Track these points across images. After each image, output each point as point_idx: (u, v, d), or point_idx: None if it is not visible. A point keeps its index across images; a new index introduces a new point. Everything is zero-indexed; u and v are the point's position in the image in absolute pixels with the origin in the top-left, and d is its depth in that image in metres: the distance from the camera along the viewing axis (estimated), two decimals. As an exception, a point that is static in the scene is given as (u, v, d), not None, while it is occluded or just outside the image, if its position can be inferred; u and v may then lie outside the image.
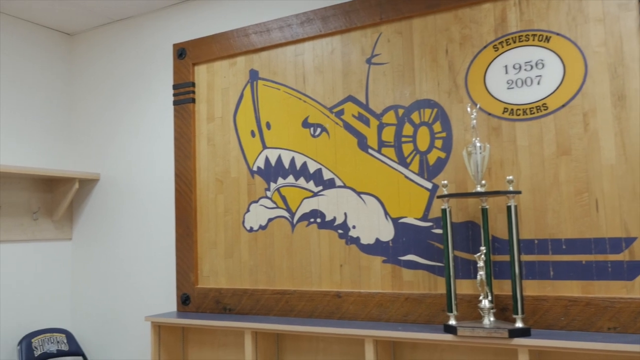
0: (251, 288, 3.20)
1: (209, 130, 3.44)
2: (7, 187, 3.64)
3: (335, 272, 2.98)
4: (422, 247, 2.76)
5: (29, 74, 3.87)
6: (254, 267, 3.22)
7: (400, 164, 2.85)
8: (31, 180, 3.80)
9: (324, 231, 3.03)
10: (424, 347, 2.73)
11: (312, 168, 3.08)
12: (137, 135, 3.80)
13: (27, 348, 3.54)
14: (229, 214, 3.33)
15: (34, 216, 3.80)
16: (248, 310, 3.19)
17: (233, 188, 3.33)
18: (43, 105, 3.95)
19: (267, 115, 3.25)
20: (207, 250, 3.39)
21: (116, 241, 3.82)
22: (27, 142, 3.82)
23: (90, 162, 4.00)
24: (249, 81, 3.33)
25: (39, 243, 3.84)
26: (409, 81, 2.85)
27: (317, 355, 3.01)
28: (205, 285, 3.37)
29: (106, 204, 3.89)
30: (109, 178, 3.90)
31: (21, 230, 3.72)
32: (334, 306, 2.94)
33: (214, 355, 3.31)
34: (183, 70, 3.54)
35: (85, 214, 3.98)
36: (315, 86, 3.11)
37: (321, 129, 3.07)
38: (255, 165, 3.27)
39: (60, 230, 3.96)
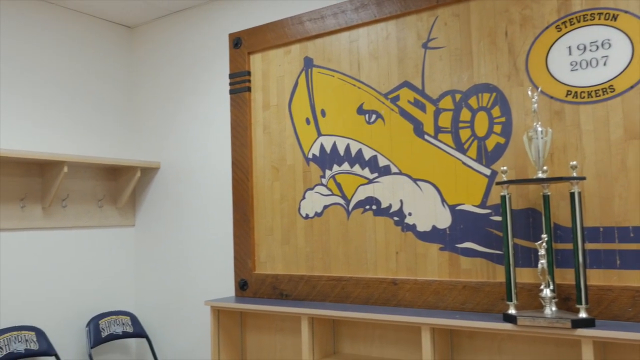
0: (307, 274, 3.23)
1: (264, 118, 3.48)
2: (75, 176, 3.80)
3: (391, 259, 2.97)
4: (480, 235, 2.71)
5: (93, 66, 4.02)
6: (309, 253, 3.25)
7: (457, 150, 2.80)
8: (96, 170, 3.95)
9: (379, 218, 3.02)
10: (482, 336, 2.69)
11: (368, 155, 3.07)
12: (195, 124, 3.88)
13: (94, 329, 3.71)
14: (285, 201, 3.36)
15: (99, 204, 3.96)
16: (304, 296, 3.22)
17: (289, 175, 3.36)
18: (107, 97, 4.09)
19: (322, 103, 3.25)
20: (263, 237, 3.44)
21: (176, 227, 3.93)
22: (92, 133, 3.97)
23: (151, 151, 4.12)
24: (304, 69, 3.33)
25: (105, 229, 4.00)
26: (466, 65, 2.79)
27: (373, 342, 3.01)
28: (262, 271, 3.43)
29: (166, 192, 4.01)
30: (169, 166, 4.01)
31: (88, 217, 3.88)
32: (390, 293, 2.93)
33: (271, 340, 3.37)
34: (239, 59, 3.58)
35: (147, 201, 4.12)
36: (370, 72, 3.09)
37: (376, 116, 3.05)
38: (311, 153, 3.28)
39: (124, 217, 4.12)
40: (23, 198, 3.52)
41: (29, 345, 3.36)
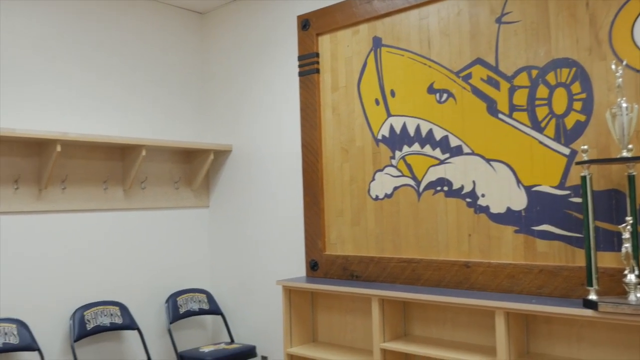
0: (377, 256, 3.22)
1: (333, 99, 3.47)
2: (152, 159, 3.96)
3: (463, 241, 2.91)
4: (558, 217, 2.60)
5: (168, 53, 4.14)
6: (379, 235, 3.24)
7: (533, 128, 2.69)
8: (172, 153, 4.10)
9: (451, 199, 2.96)
10: (559, 322, 2.59)
11: (439, 135, 3.01)
12: (265, 108, 3.93)
13: (173, 305, 3.88)
14: (354, 183, 3.36)
15: (175, 185, 4.11)
16: (374, 277, 3.22)
17: (358, 157, 3.34)
18: (181, 82, 4.21)
19: (391, 83, 3.21)
20: (333, 218, 3.46)
21: (248, 208, 4.02)
22: (168, 117, 4.11)
23: (223, 134, 4.22)
24: (372, 49, 3.29)
25: (181, 210, 4.15)
26: (543, 40, 2.66)
27: (445, 325, 2.98)
28: (333, 252, 3.45)
29: (238, 174, 4.10)
30: (240, 149, 4.09)
31: (165, 199, 4.04)
32: (462, 276, 2.88)
33: (341, 320, 3.40)
34: (307, 41, 3.58)
35: (220, 183, 4.23)
36: (441, 50, 3.01)
37: (447, 95, 2.98)
38: (380, 134, 3.25)
39: (199, 198, 4.25)
40: (105, 180, 3.70)
41: (114, 320, 3.56)
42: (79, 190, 3.57)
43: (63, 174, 3.50)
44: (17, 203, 3.29)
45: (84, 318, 3.44)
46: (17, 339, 3.12)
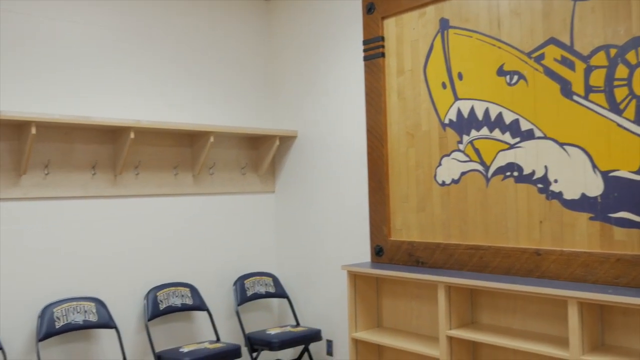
0: (444, 242, 3.17)
1: (399, 84, 3.43)
2: (220, 145, 4.05)
3: (534, 228, 2.82)
4: (638, 204, 2.47)
5: (234, 40, 4.20)
6: (446, 221, 3.19)
7: (611, 110, 2.55)
8: (239, 139, 4.17)
9: (521, 185, 2.87)
10: (638, 313, 2.47)
11: (508, 119, 2.91)
12: (329, 93, 3.93)
13: (240, 288, 3.98)
14: (420, 168, 3.31)
15: (242, 171, 4.19)
16: (441, 264, 3.18)
17: (424, 141, 3.29)
18: (247, 69, 4.28)
19: (459, 65, 3.13)
20: (399, 204, 3.43)
21: (313, 194, 4.05)
22: (235, 104, 4.19)
23: (288, 120, 4.26)
24: (439, 31, 3.22)
25: (247, 195, 4.23)
26: (623, 16, 2.51)
27: (515, 314, 2.90)
28: (398, 238, 3.43)
29: (303, 159, 4.14)
30: (306, 134, 4.12)
31: (232, 184, 4.13)
32: (533, 264, 2.79)
33: (407, 306, 3.39)
34: (372, 25, 3.55)
35: (286, 168, 4.28)
36: (512, 30, 2.90)
37: (518, 77, 2.87)
38: (447, 118, 3.18)
39: (265, 183, 4.32)
40: (176, 166, 3.82)
41: (185, 300, 3.69)
42: (151, 175, 3.70)
43: (136, 160, 3.64)
44: (94, 188, 3.45)
45: (157, 298, 3.59)
46: (96, 317, 3.30)
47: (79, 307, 3.27)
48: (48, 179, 3.28)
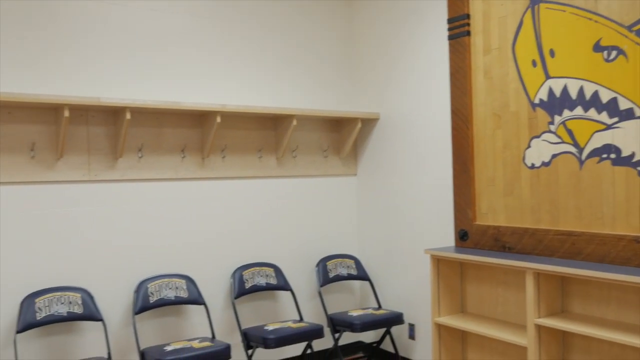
0: (532, 227, 3.05)
1: (485, 63, 3.31)
2: (302, 128, 4.09)
3: (634, 214, 2.64)
4: None
5: (317, 22, 4.21)
6: (535, 205, 3.06)
7: None
8: (321, 122, 4.20)
9: (619, 168, 2.69)
10: None
11: (605, 97, 2.73)
12: (412, 74, 3.86)
13: (323, 270, 4.03)
14: (507, 150, 3.19)
15: (324, 154, 4.22)
16: (529, 250, 3.06)
17: (512, 123, 3.16)
18: (329, 51, 4.28)
19: (551, 42, 2.97)
20: (485, 187, 3.33)
21: (396, 177, 4.02)
22: (317, 86, 4.21)
23: (371, 102, 4.23)
24: (530, 6, 3.06)
25: (329, 178, 4.26)
26: None
27: (609, 304, 2.75)
28: (484, 223, 3.33)
29: (386, 142, 4.10)
30: (388, 117, 4.07)
31: (314, 167, 4.17)
32: (631, 252, 2.63)
33: (492, 292, 3.30)
34: (457, 2, 3.43)
35: (368, 151, 4.26)
36: (610, 3, 2.71)
37: (617, 52, 2.68)
38: (537, 98, 3.04)
39: (347, 166, 4.33)
40: (260, 149, 3.90)
41: (269, 280, 3.79)
42: (237, 158, 3.81)
43: (223, 143, 3.75)
44: (184, 170, 3.60)
45: (242, 277, 3.71)
46: (187, 293, 3.45)
47: (171, 283, 3.44)
48: (142, 162, 3.45)
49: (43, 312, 3.03)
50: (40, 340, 3.13)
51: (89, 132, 3.29)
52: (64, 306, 3.09)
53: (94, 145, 3.30)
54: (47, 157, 3.17)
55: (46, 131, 3.17)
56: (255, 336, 3.38)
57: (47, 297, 3.07)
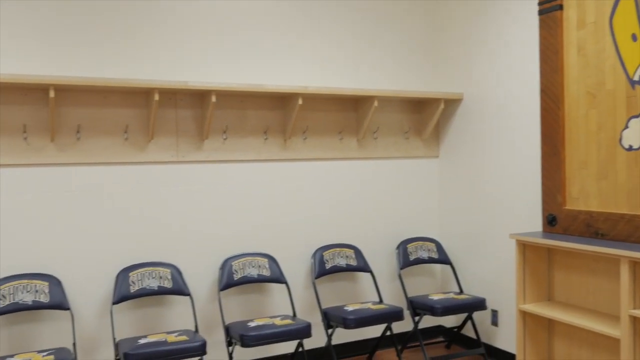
0: (629, 213, 2.87)
1: (579, 38, 3.12)
2: (383, 109, 4.05)
3: None
4: None
5: (398, 3, 4.13)
6: (632, 190, 2.87)
7: None
8: (403, 103, 4.14)
9: None
10: None
11: None
12: (499, 52, 3.71)
13: (403, 252, 4.00)
14: (602, 131, 3.01)
15: (406, 135, 4.16)
16: (625, 237, 2.88)
17: (608, 102, 2.98)
18: (411, 30, 4.19)
19: (654, 14, 2.75)
20: (576, 170, 3.16)
21: (480, 159, 3.90)
22: (398, 67, 4.14)
23: (454, 82, 4.11)
24: (631, -25, 2.85)
25: (411, 160, 4.20)
26: None
27: None
28: (574, 207, 3.17)
29: (469, 123, 3.98)
30: (472, 97, 3.95)
31: (395, 148, 4.12)
32: None
33: (581, 280, 3.14)
34: (549, -26, 3.25)
35: (451, 132, 4.16)
36: None
37: None
38: (637, 74, 2.83)
39: (428, 148, 4.25)
40: (341, 131, 3.91)
41: (349, 261, 3.81)
42: (318, 140, 3.83)
43: (304, 125, 3.78)
44: (267, 152, 3.67)
45: (323, 258, 3.75)
46: (269, 272, 3.54)
47: (254, 262, 3.54)
48: (226, 144, 3.55)
49: (136, 286, 3.21)
50: (134, 311, 3.32)
51: (177, 114, 3.42)
52: (154, 280, 3.26)
53: (182, 128, 3.43)
54: (139, 139, 3.33)
55: (138, 114, 3.32)
56: (335, 316, 3.42)
57: (140, 271, 3.25)
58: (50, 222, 3.13)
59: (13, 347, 3.05)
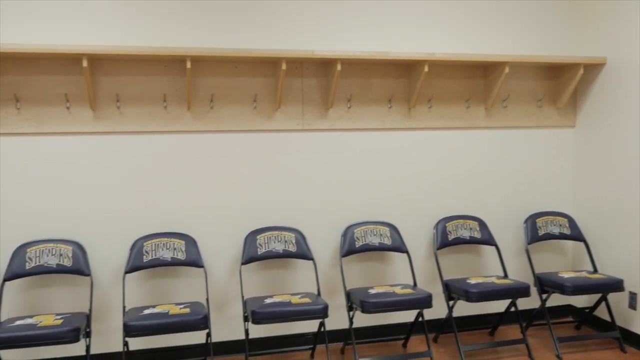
0: None
1: None
2: (514, 76, 3.83)
3: None
4: None
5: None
6: None
7: None
8: (536, 69, 3.88)
9: None
10: None
11: None
12: (651, 10, 3.34)
13: (532, 226, 3.81)
14: None
15: (539, 104, 3.91)
16: None
17: None
18: (548, -10, 3.90)
19: None
20: None
21: (622, 130, 3.57)
22: (531, 30, 3.88)
23: (595, 45, 3.78)
24: None
25: (543, 130, 3.95)
26: None
27: None
28: None
29: (612, 90, 3.65)
30: (617, 61, 3.61)
31: (527, 118, 3.90)
32: None
33: None
34: None
35: (590, 100, 3.85)
36: None
37: None
38: None
39: (564, 117, 3.97)
40: (468, 99, 3.76)
41: (473, 234, 3.71)
42: (443, 109, 3.72)
43: (429, 93, 3.69)
44: (390, 121, 3.63)
45: (445, 229, 3.68)
46: (390, 241, 3.55)
47: (376, 230, 3.56)
48: (350, 112, 3.57)
49: (263, 248, 3.36)
50: (261, 272, 3.50)
51: (303, 83, 3.48)
52: (280, 244, 3.40)
53: (307, 96, 3.49)
54: (266, 107, 3.44)
55: (266, 83, 3.43)
56: (457, 288, 3.36)
57: (267, 234, 3.40)
58: (187, 185, 3.35)
59: (154, 298, 3.35)
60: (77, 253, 3.15)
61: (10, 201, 3.13)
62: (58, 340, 2.67)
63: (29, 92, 3.12)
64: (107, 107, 3.22)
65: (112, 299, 3.29)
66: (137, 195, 3.29)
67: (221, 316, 3.44)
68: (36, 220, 3.17)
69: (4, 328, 2.72)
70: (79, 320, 2.85)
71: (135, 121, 3.26)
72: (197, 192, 3.37)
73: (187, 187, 3.36)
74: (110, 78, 3.22)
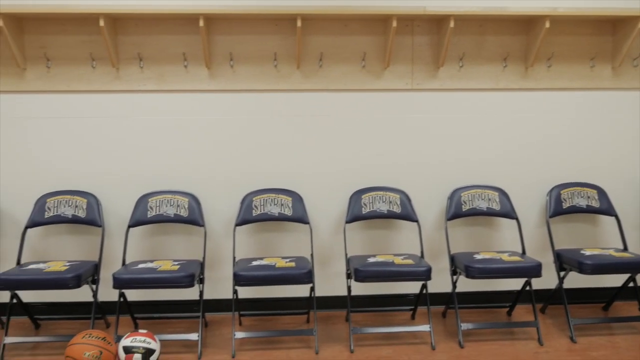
0: None
1: None
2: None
3: None
4: None
5: None
6: None
7: None
8: None
9: None
10: None
11: None
12: None
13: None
14: None
15: None
16: None
17: None
18: None
19: None
20: None
21: None
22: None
23: None
24: None
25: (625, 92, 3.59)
26: None
27: None
28: None
29: None
30: None
31: None
32: None
33: None
34: None
35: None
36: None
37: None
38: None
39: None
40: (593, 58, 3.48)
41: (590, 202, 3.49)
42: (565, 68, 3.48)
43: (549, 51, 3.45)
44: (505, 80, 3.45)
45: (560, 197, 3.49)
46: (499, 206, 3.43)
47: (484, 194, 3.45)
48: (462, 71, 3.43)
49: (368, 208, 3.38)
50: (365, 231, 3.53)
51: (414, 42, 3.39)
52: (384, 204, 3.39)
53: (417, 55, 3.40)
54: (375, 66, 3.39)
55: (375, 42, 3.37)
56: (570, 259, 3.19)
57: (372, 194, 3.41)
58: (295, 143, 3.42)
59: (261, 251, 3.50)
60: (193, 204, 3.34)
61: (133, 153, 3.37)
62: (175, 284, 2.88)
63: (151, 52, 3.29)
64: (221, 65, 3.33)
65: (224, 249, 3.47)
66: (246, 151, 3.41)
67: (324, 272, 3.53)
68: (156, 171, 3.39)
69: (128, 270, 2.97)
70: (193, 267, 3.04)
71: (247, 79, 3.35)
72: (305, 150, 3.43)
73: (295, 145, 3.42)
74: (224, 37, 3.31)
